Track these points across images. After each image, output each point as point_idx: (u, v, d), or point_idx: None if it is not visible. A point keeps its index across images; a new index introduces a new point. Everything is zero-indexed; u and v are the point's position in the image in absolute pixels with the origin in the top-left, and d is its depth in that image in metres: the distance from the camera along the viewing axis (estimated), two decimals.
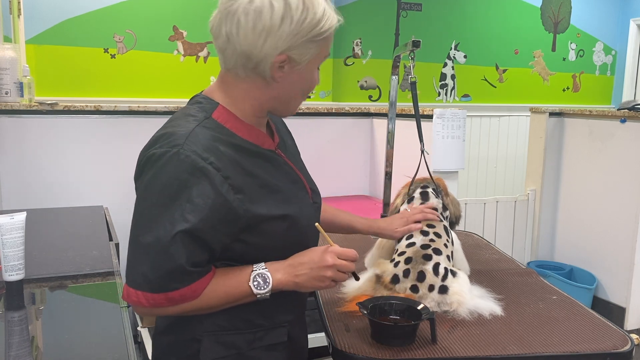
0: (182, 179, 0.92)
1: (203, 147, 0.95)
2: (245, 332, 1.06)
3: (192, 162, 0.93)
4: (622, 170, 3.26)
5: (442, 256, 1.31)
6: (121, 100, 3.61)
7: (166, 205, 0.92)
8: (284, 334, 1.10)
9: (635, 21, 5.56)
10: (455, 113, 2.65)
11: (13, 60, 2.45)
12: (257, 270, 1.00)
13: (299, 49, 0.99)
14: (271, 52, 0.98)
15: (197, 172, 0.93)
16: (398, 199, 1.57)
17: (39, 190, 2.55)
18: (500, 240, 3.61)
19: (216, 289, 0.99)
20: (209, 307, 1.00)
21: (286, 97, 1.06)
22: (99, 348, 1.01)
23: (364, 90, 4.60)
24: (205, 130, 0.98)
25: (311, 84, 1.08)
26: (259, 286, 1.00)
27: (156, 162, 0.94)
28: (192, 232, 0.92)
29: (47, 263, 1.45)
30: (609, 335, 1.17)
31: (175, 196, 0.92)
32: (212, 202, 0.93)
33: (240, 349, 1.05)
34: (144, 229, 0.94)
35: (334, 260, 1.02)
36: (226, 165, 0.96)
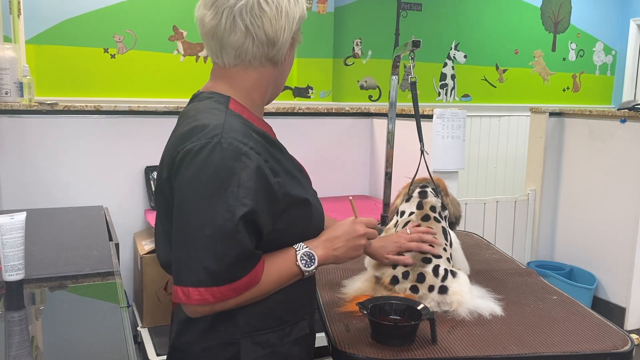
0: (230, 166, 0.92)
1: (241, 134, 0.96)
2: (277, 330, 1.07)
3: (235, 148, 0.93)
4: (622, 170, 3.26)
5: (442, 259, 1.32)
6: (121, 100, 3.61)
7: (219, 195, 0.92)
8: (306, 326, 1.13)
9: (635, 21, 5.56)
10: (455, 113, 2.65)
11: (13, 60, 2.45)
12: (301, 250, 1.05)
13: (298, 31, 1.09)
14: (289, 35, 1.05)
15: (242, 157, 0.93)
16: (398, 199, 1.57)
17: (39, 190, 2.55)
18: (500, 240, 3.61)
19: (270, 273, 1.01)
20: (266, 292, 1.02)
21: (283, 78, 1.15)
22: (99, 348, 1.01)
23: (364, 90, 4.60)
24: (235, 118, 1.00)
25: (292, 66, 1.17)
26: (307, 264, 1.04)
27: (197, 155, 0.93)
28: (250, 215, 0.93)
29: (47, 263, 1.45)
30: (609, 335, 1.17)
31: (226, 184, 0.92)
32: (260, 185, 0.95)
33: (274, 347, 1.07)
34: (199, 224, 0.92)
35: (364, 229, 1.12)
36: (262, 150, 0.98)
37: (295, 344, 1.10)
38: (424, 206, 1.44)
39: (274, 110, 2.98)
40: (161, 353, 2.25)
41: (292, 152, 1.26)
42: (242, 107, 1.05)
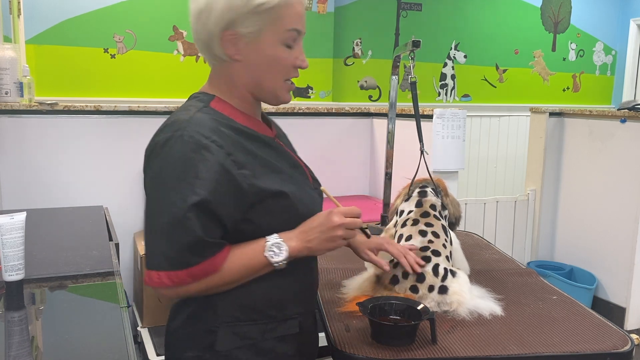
0: (188, 158, 0.97)
1: (206, 128, 1.00)
2: (259, 323, 1.09)
3: (196, 141, 0.97)
4: (622, 170, 3.26)
5: (441, 257, 1.31)
6: (121, 100, 3.61)
7: (176, 185, 0.97)
8: (296, 325, 1.13)
9: (635, 21, 5.56)
10: (455, 113, 2.65)
11: (13, 60, 2.45)
12: (271, 240, 1.04)
13: (243, 23, 1.03)
14: (215, 30, 1.03)
15: (201, 149, 0.97)
16: (398, 199, 1.57)
17: (39, 190, 2.55)
18: (500, 240, 3.61)
19: (235, 262, 1.02)
20: (230, 281, 1.03)
21: (255, 76, 1.07)
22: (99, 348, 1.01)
23: (364, 90, 4.60)
24: (206, 115, 1.04)
25: (279, 62, 1.07)
26: (275, 255, 1.03)
27: (162, 148, 0.99)
28: (204, 205, 0.96)
29: (47, 263, 1.45)
30: (609, 335, 1.17)
31: (184, 175, 0.96)
32: (218, 176, 0.98)
33: (254, 339, 1.08)
34: (158, 212, 0.98)
35: (341, 219, 1.06)
36: (228, 143, 1.01)
37: (281, 341, 1.11)
38: (423, 204, 1.44)
39: (273, 110, 2.98)
40: (161, 353, 2.25)
41: None
42: (225, 105, 1.08)
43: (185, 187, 0.96)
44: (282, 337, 1.11)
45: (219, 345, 1.07)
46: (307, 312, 1.18)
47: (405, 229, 1.40)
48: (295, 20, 1.06)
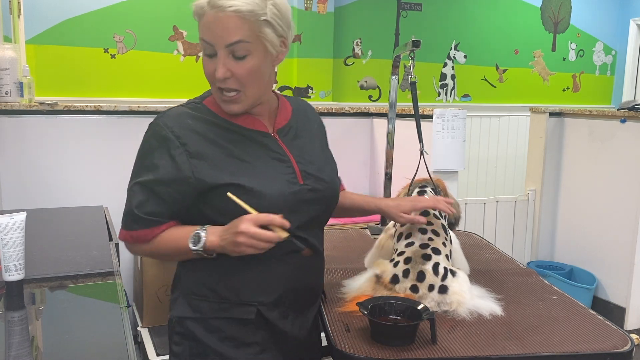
0: (150, 143, 1.15)
1: (172, 119, 1.15)
2: (210, 301, 1.18)
3: (159, 130, 1.13)
4: (622, 170, 3.26)
5: (441, 255, 1.31)
6: (121, 100, 3.61)
7: (137, 163, 1.17)
8: (252, 312, 1.17)
9: (635, 21, 5.56)
10: (455, 113, 2.65)
11: (13, 60, 2.45)
12: (197, 230, 1.12)
13: None
14: None
15: (160, 138, 1.13)
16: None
17: (39, 190, 2.55)
18: (500, 240, 3.61)
19: (166, 240, 1.15)
20: (159, 254, 1.19)
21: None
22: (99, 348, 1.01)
23: (364, 90, 4.60)
24: (184, 108, 1.18)
25: (205, 71, 1.15)
26: (194, 243, 1.11)
27: (146, 132, 1.19)
28: (146, 185, 1.13)
29: (47, 263, 1.45)
30: (609, 335, 1.17)
31: (143, 156, 1.15)
32: (166, 162, 1.11)
33: (204, 314, 1.18)
34: None
35: (246, 227, 1.05)
36: (187, 134, 1.13)
37: (236, 323, 1.17)
38: None
39: None
40: (161, 353, 2.25)
41: None
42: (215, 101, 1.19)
43: (139, 166, 1.15)
44: (238, 320, 1.17)
45: (175, 311, 1.21)
46: (274, 304, 1.19)
47: (405, 228, 1.40)
48: (204, 31, 1.10)
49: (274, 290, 1.19)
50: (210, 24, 1.08)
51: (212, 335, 1.17)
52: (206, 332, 1.18)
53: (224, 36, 1.08)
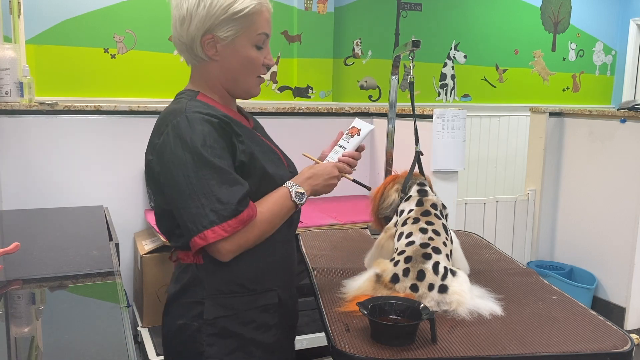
0: (198, 130, 1.14)
1: (203, 108, 1.18)
2: (239, 295, 1.24)
3: (199, 117, 1.15)
4: (622, 170, 3.26)
5: (442, 255, 1.31)
6: (121, 100, 3.61)
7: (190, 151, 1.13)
8: (275, 296, 1.29)
9: (635, 21, 5.56)
10: (455, 113, 2.65)
11: (13, 60, 2.45)
12: (292, 188, 1.25)
13: (220, 28, 1.19)
14: (197, 34, 1.21)
15: (205, 122, 1.15)
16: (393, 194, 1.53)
17: (39, 190, 2.55)
18: (500, 240, 3.61)
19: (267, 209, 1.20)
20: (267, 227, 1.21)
21: (231, 74, 1.25)
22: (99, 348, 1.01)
23: (364, 90, 4.60)
24: (197, 102, 1.22)
25: (251, 61, 1.24)
26: (300, 199, 1.25)
27: (170, 135, 1.15)
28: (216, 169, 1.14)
29: (47, 263, 1.45)
30: (609, 335, 1.17)
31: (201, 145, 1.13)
32: (222, 139, 1.17)
33: (237, 310, 1.24)
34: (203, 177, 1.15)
35: (337, 172, 1.32)
36: (223, 118, 1.19)
37: (264, 311, 1.27)
38: (424, 203, 1.43)
39: (274, 110, 2.98)
40: (161, 353, 2.25)
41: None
42: (208, 99, 1.25)
43: (205, 154, 1.13)
44: (263, 308, 1.27)
45: (206, 314, 1.22)
46: (285, 285, 1.34)
47: (406, 227, 1.40)
48: (264, 25, 1.24)
49: (285, 272, 1.34)
50: (268, 18, 1.25)
51: (247, 326, 1.25)
52: (242, 325, 1.24)
53: (271, 28, 1.27)
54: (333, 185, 1.32)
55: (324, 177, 1.30)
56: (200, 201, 1.12)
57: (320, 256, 1.70)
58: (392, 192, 1.54)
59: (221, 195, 1.11)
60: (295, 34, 4.16)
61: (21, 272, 1.39)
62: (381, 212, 1.55)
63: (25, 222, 2.00)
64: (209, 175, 1.12)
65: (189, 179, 1.12)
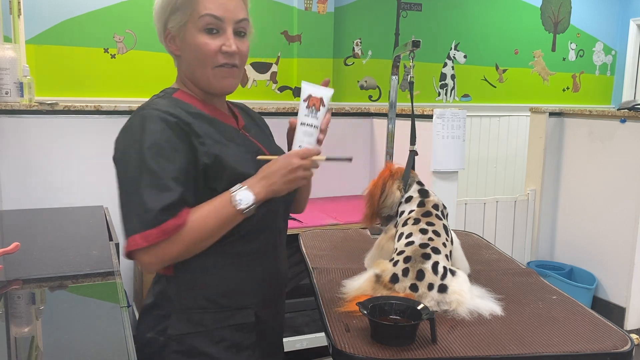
0: (150, 129, 1.06)
1: (164, 106, 1.11)
2: (211, 312, 1.15)
3: (156, 114, 1.08)
4: (622, 170, 3.26)
5: (441, 255, 1.31)
6: (121, 100, 3.61)
7: (137, 152, 1.07)
8: (250, 315, 1.18)
9: (635, 21, 5.56)
10: (455, 113, 2.65)
11: (13, 60, 2.45)
12: (234, 192, 1.08)
13: (170, 21, 1.14)
14: (161, 31, 1.17)
15: (160, 121, 1.07)
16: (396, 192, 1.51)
17: (39, 190, 2.55)
18: (500, 240, 3.61)
19: (200, 219, 1.06)
20: (197, 240, 1.07)
21: (190, 67, 1.16)
22: (99, 348, 1.01)
23: (364, 90, 4.60)
24: (164, 100, 1.15)
25: (201, 49, 1.12)
26: (244, 203, 1.07)
27: (122, 132, 1.13)
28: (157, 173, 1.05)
29: (47, 263, 1.45)
30: (609, 335, 1.17)
31: (147, 147, 1.05)
32: (178, 139, 1.07)
33: (206, 327, 1.14)
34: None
35: (299, 161, 1.10)
36: (184, 117, 1.10)
37: (237, 330, 1.17)
38: (425, 204, 1.43)
39: (274, 110, 2.98)
40: None
41: None
42: (187, 95, 1.18)
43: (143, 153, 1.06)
44: (237, 326, 1.17)
45: (171, 329, 1.14)
46: (266, 302, 1.22)
47: (406, 228, 1.40)
48: (210, 6, 1.11)
49: (263, 288, 1.22)
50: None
51: (217, 345, 1.15)
52: (211, 345, 1.14)
53: (235, 12, 1.13)
54: (300, 178, 1.11)
55: (280, 173, 1.09)
56: (130, 204, 1.05)
57: (320, 256, 1.70)
58: (395, 190, 1.52)
59: (147, 201, 1.02)
60: (295, 34, 4.16)
61: (21, 272, 1.39)
62: (383, 210, 1.53)
63: (25, 222, 2.00)
64: (143, 178, 1.04)
65: (127, 179, 1.08)
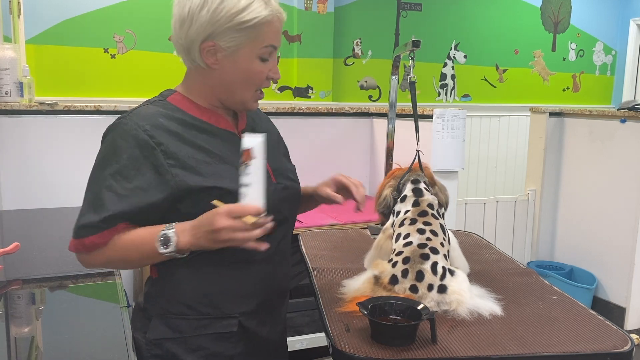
0: (118, 145, 1.06)
1: (144, 118, 1.09)
2: (190, 318, 1.12)
3: (129, 130, 1.06)
4: (622, 170, 3.26)
5: (440, 255, 1.31)
6: (121, 100, 3.61)
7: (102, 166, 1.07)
8: (234, 324, 1.15)
9: (635, 21, 5.56)
10: (455, 113, 2.65)
11: (13, 60, 2.45)
12: (163, 230, 1.04)
13: (223, 36, 1.08)
14: (196, 39, 1.09)
15: (131, 138, 1.06)
16: (386, 190, 1.53)
17: (39, 190, 2.55)
18: (500, 240, 3.61)
19: (124, 243, 1.06)
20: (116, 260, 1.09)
21: (228, 85, 1.13)
22: (99, 348, 1.01)
23: (364, 90, 4.60)
24: (152, 107, 1.13)
25: (253, 75, 1.12)
26: (164, 245, 1.03)
27: (103, 141, 1.11)
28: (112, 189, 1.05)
29: (47, 263, 1.45)
30: (609, 335, 1.17)
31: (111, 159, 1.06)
32: (140, 164, 1.05)
33: (184, 334, 1.12)
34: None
35: (224, 223, 0.99)
36: (161, 134, 1.07)
37: (217, 339, 1.14)
38: (420, 204, 1.43)
39: (274, 110, 2.98)
40: None
41: (291, 152, 1.34)
42: (183, 99, 1.16)
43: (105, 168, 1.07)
44: (218, 335, 1.14)
45: (149, 333, 1.13)
46: (254, 312, 1.19)
47: (403, 228, 1.40)
48: (273, 37, 1.11)
49: (253, 298, 1.19)
50: (278, 29, 1.12)
51: (194, 354, 1.13)
52: (187, 352, 1.12)
53: (281, 39, 1.15)
54: (226, 241, 1.00)
55: (204, 230, 1.01)
56: (82, 207, 1.10)
57: (320, 256, 1.70)
58: (386, 188, 1.53)
59: (82, 213, 1.07)
60: (295, 34, 4.16)
61: (21, 272, 1.39)
62: (378, 208, 1.55)
63: (25, 222, 2.00)
64: (88, 190, 1.08)
65: (88, 183, 1.10)
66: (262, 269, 1.19)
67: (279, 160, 1.27)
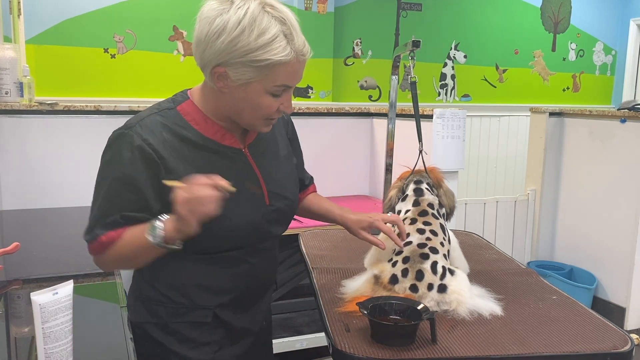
0: (123, 155, 1.09)
1: (148, 130, 1.10)
2: (166, 306, 1.18)
3: (133, 141, 1.09)
4: (622, 170, 3.26)
5: (439, 254, 1.31)
6: (121, 100, 3.61)
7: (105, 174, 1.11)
8: (208, 315, 1.19)
9: (635, 21, 5.56)
10: (455, 113, 2.65)
11: (13, 60, 2.44)
12: (154, 220, 1.06)
13: (234, 68, 1.06)
14: (209, 62, 1.08)
15: (135, 150, 1.08)
16: (392, 191, 1.56)
17: (39, 190, 2.55)
18: (500, 240, 3.61)
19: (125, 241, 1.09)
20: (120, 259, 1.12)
21: (235, 109, 1.13)
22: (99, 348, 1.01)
23: (364, 90, 4.60)
24: (158, 117, 1.13)
25: (263, 107, 1.11)
26: (151, 234, 1.05)
27: (112, 141, 1.14)
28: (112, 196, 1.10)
29: (47, 263, 1.45)
30: (609, 335, 1.17)
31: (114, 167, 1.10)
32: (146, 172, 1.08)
33: (162, 319, 1.18)
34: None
35: (186, 190, 1.01)
36: (163, 148, 1.10)
37: (193, 327, 1.19)
38: (420, 203, 1.43)
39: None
40: None
41: None
42: (193, 110, 1.16)
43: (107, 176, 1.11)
44: (192, 324, 1.19)
45: (132, 316, 1.20)
46: (229, 304, 1.22)
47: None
48: (288, 77, 1.09)
49: (228, 292, 1.22)
50: (296, 70, 1.09)
51: (171, 337, 1.19)
52: (165, 335, 1.19)
53: (300, 77, 1.12)
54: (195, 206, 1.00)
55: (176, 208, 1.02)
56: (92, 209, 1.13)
57: (320, 256, 1.70)
58: (392, 190, 1.55)
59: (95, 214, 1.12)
60: None
61: (21, 272, 1.39)
62: (383, 209, 1.56)
63: (25, 222, 2.00)
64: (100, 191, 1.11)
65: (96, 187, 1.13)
66: (241, 264, 1.21)
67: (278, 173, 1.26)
